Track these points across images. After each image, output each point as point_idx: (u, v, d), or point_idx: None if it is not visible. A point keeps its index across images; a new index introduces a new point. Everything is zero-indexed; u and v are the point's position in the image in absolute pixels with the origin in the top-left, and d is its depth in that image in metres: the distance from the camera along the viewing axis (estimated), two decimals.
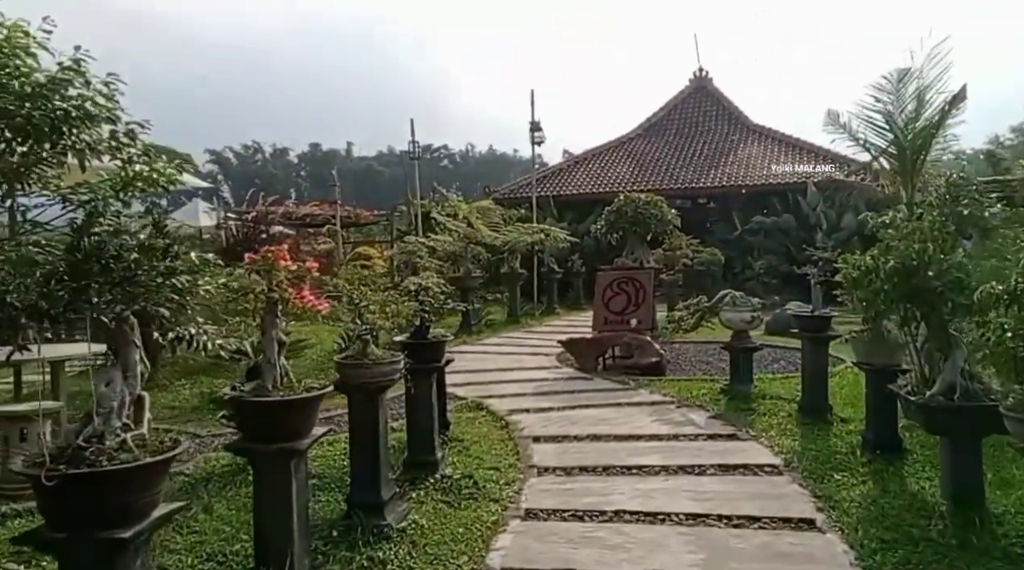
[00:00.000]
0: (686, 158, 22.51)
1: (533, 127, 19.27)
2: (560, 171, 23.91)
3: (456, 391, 8.17)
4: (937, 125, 8.12)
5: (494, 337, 12.75)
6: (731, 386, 7.47)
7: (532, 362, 10.04)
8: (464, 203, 19.62)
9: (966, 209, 6.32)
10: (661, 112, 25.38)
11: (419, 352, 5.26)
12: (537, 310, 16.40)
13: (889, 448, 5.20)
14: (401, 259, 11.67)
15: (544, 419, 6.89)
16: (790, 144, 22.02)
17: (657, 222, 10.38)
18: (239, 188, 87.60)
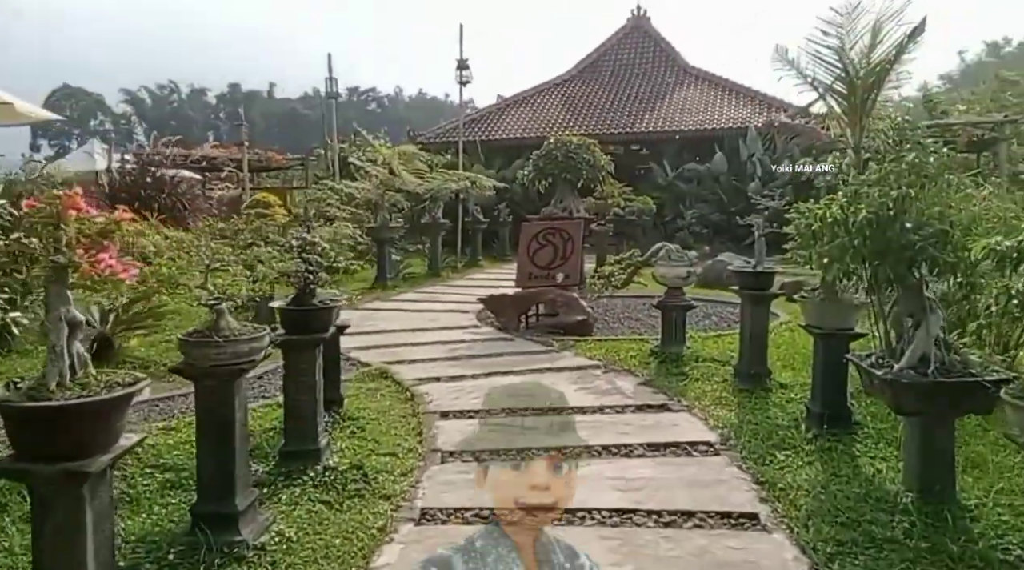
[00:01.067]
0: (621, 102, 21.68)
1: (460, 65, 17.97)
2: (489, 115, 22.73)
3: (360, 356, 7.28)
4: (893, 60, 7.46)
5: (411, 292, 11.81)
6: (663, 347, 6.82)
7: (449, 320, 9.19)
8: (386, 147, 18.37)
9: (910, 154, 5.68)
10: (597, 52, 24.31)
11: (299, 321, 4.31)
12: (460, 262, 15.49)
13: (837, 421, 4.61)
14: (309, 207, 10.46)
15: (456, 390, 6.08)
16: (729, 88, 21.43)
17: (589, 168, 9.53)
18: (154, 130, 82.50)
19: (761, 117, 19.62)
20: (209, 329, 3.37)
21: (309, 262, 4.38)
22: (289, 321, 4.29)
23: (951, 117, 13.76)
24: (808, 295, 4.73)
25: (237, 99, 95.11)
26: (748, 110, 20.10)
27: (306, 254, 4.40)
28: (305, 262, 4.37)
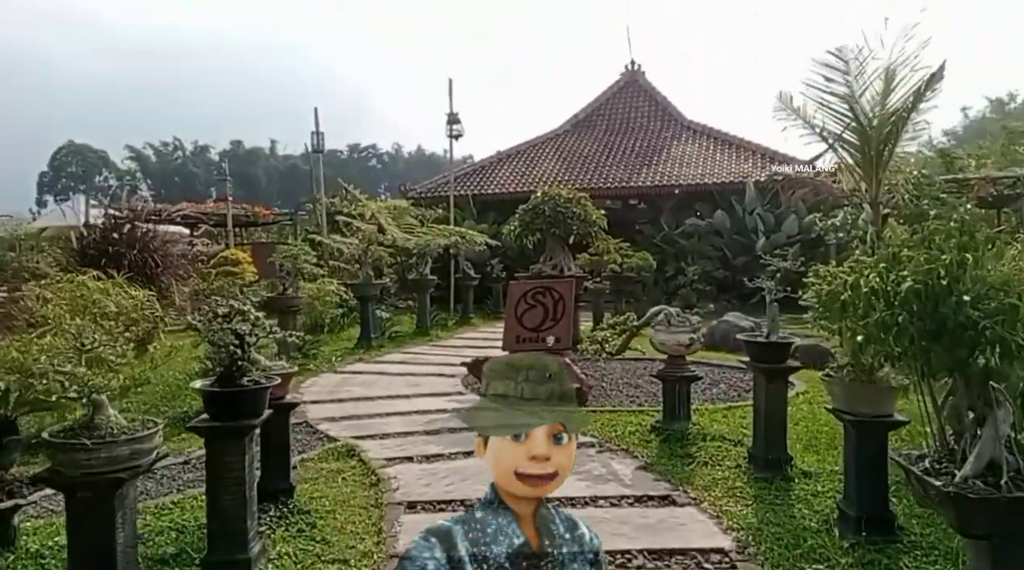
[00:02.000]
0: (617, 156, 21.32)
1: (451, 119, 17.68)
2: (483, 169, 22.36)
3: (329, 428, 6.53)
4: (910, 108, 6.91)
5: (396, 352, 11.06)
6: (665, 423, 6.06)
7: (432, 386, 8.43)
8: (373, 202, 17.90)
9: (932, 209, 5.03)
10: (591, 106, 24.10)
11: (224, 405, 3.57)
12: (451, 320, 14.77)
13: (878, 526, 3.83)
14: (285, 263, 9.86)
15: (429, 473, 5.30)
16: (728, 142, 21.09)
17: (580, 223, 8.91)
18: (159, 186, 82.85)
19: (763, 171, 19.20)
20: (81, 426, 2.64)
21: (238, 335, 3.66)
22: (212, 404, 3.55)
23: (968, 172, 13.26)
24: (835, 374, 4.01)
25: (240, 156, 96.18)
26: (749, 164, 19.71)
27: (236, 324, 3.69)
28: (234, 335, 3.66)
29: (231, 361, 3.57)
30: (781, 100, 7.14)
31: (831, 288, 3.76)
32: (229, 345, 3.61)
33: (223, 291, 6.81)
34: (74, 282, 8.50)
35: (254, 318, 3.83)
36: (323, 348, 10.95)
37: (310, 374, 9.17)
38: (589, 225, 9.02)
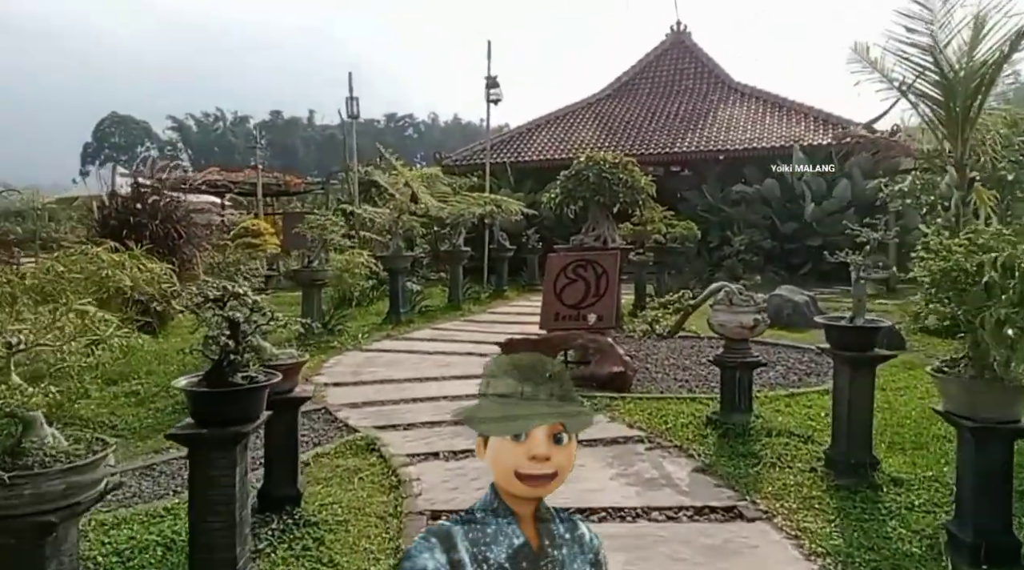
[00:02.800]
0: (660, 120, 20.29)
1: (489, 82, 16.86)
2: (519, 135, 21.53)
3: (350, 416, 5.97)
4: (1002, 60, 5.98)
5: (426, 328, 10.50)
6: (723, 416, 5.36)
7: (462, 367, 7.83)
8: (408, 170, 17.28)
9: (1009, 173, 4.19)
10: (633, 70, 22.98)
11: (210, 408, 2.99)
12: (484, 293, 14.15)
13: (1002, 557, 3.11)
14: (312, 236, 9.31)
15: (456, 473, 4.70)
16: (779, 104, 19.89)
17: (627, 190, 8.13)
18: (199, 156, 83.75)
19: (815, 134, 18.04)
20: (7, 449, 2.06)
21: (233, 323, 3.07)
22: (197, 407, 2.98)
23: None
24: (949, 370, 3.26)
25: (279, 126, 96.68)
26: (800, 127, 18.53)
27: (230, 310, 3.10)
28: (228, 323, 3.06)
29: (223, 355, 2.97)
30: (856, 51, 6.26)
31: (948, 264, 3.02)
32: (220, 336, 3.02)
33: (238, 264, 6.27)
34: (88, 254, 8.14)
35: (252, 302, 3.23)
36: (350, 324, 10.44)
37: (334, 352, 8.65)
38: (636, 192, 8.23)
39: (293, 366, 3.69)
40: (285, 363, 3.64)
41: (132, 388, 6.67)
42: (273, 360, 3.57)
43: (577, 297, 7.46)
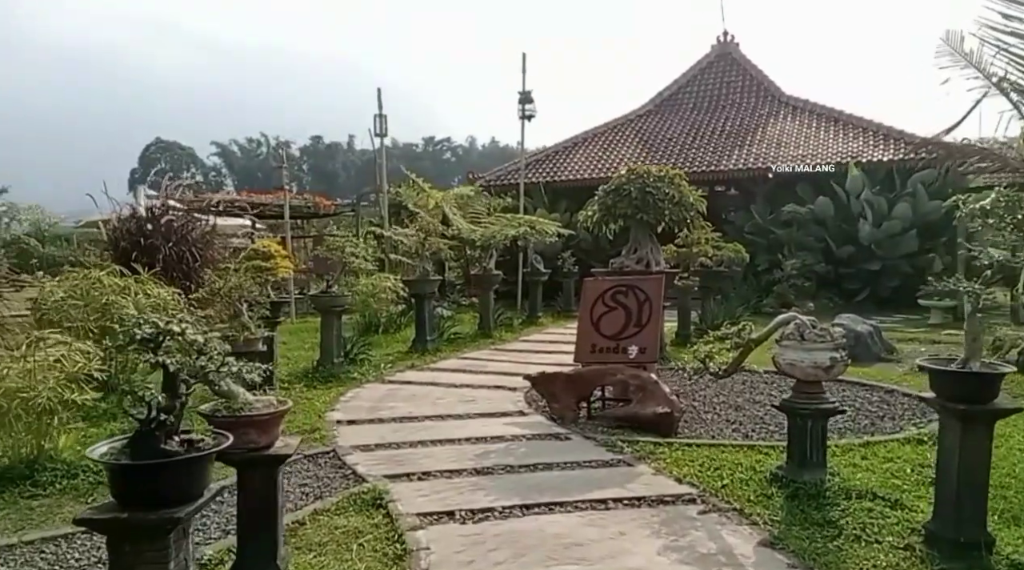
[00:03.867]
0: (705, 137, 19.43)
1: (523, 98, 16.32)
2: (555, 154, 20.89)
3: (360, 461, 5.29)
4: None
5: (453, 358, 9.81)
6: (791, 472, 4.52)
7: (489, 403, 7.11)
8: (438, 191, 16.76)
9: None
10: (676, 84, 22.17)
11: (137, 485, 2.29)
12: (516, 319, 13.42)
13: None
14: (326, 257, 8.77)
15: (473, 540, 3.96)
16: (832, 118, 18.85)
17: (673, 207, 7.33)
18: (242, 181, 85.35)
19: (874, 149, 16.99)
20: None
21: (167, 372, 2.40)
22: (116, 484, 2.30)
23: None
24: None
25: (320, 151, 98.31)
26: (858, 142, 17.50)
27: (162, 355, 2.43)
28: (161, 368, 2.40)
29: (150, 415, 2.30)
30: (948, 41, 5.41)
31: None
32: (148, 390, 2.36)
33: (240, 290, 5.69)
34: (90, 278, 7.68)
35: (196, 343, 2.56)
36: (373, 352, 9.82)
37: (353, 384, 8.01)
38: (685, 209, 7.42)
39: (272, 416, 3.02)
40: (260, 413, 2.97)
41: (128, 427, 6.10)
42: (246, 409, 2.90)
43: (616, 327, 6.70)
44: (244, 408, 2.85)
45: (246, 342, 5.47)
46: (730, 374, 4.88)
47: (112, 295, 7.14)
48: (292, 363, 9.22)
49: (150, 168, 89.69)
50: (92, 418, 6.00)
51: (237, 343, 5.49)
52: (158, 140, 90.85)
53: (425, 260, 10.57)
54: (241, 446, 2.81)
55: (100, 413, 6.16)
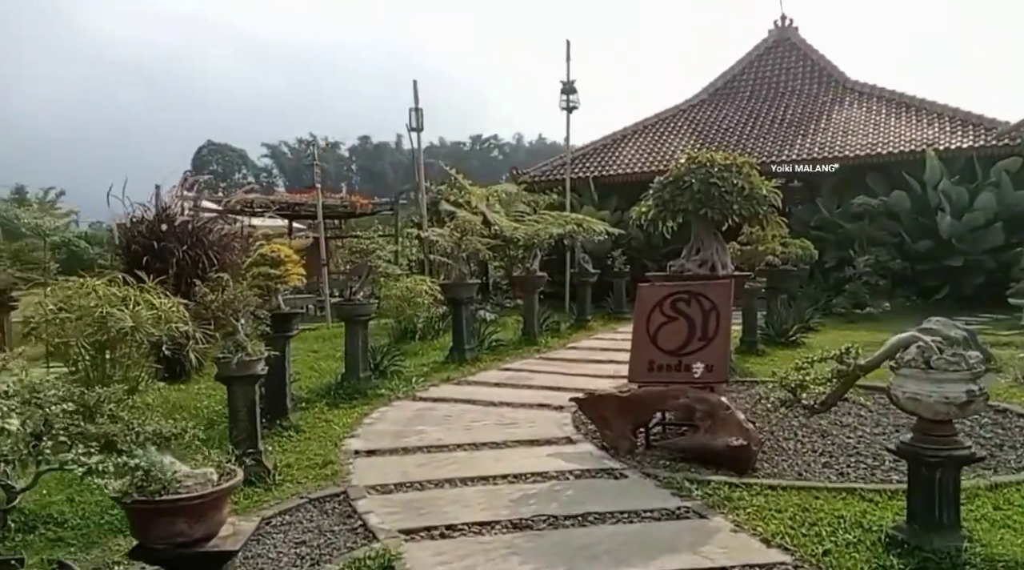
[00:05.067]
0: (763, 126, 18.15)
1: (566, 88, 15.37)
2: (603, 147, 19.85)
3: (375, 509, 4.45)
4: None
5: (493, 369, 8.95)
6: (913, 534, 3.51)
7: (531, 426, 6.22)
8: (479, 188, 15.96)
9: None
10: (732, 71, 20.86)
11: None
12: (563, 323, 12.49)
13: None
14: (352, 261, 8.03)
15: None
16: (903, 104, 17.38)
17: (743, 201, 6.27)
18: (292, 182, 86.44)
19: (951, 136, 15.50)
20: None
21: None
22: None
23: None
24: None
25: (368, 151, 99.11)
26: (933, 129, 16.01)
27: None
28: None
29: None
30: None
31: None
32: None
33: (235, 303, 4.92)
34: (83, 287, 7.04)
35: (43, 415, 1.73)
36: (406, 362, 9.04)
37: (380, 402, 7.22)
38: (757, 203, 6.37)
39: (209, 499, 2.20)
40: (192, 496, 2.15)
41: None
42: (171, 489, 2.08)
43: (678, 341, 5.72)
44: (168, 487, 2.02)
45: (241, 365, 4.70)
46: (828, 408, 3.87)
47: (109, 306, 6.50)
48: (318, 376, 8.50)
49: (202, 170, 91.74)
50: None
51: (230, 367, 4.72)
52: (210, 142, 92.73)
53: (461, 261, 9.73)
54: (164, 540, 1.99)
55: None
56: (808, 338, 10.61)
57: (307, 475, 5.02)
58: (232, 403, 4.93)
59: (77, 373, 6.77)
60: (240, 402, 4.92)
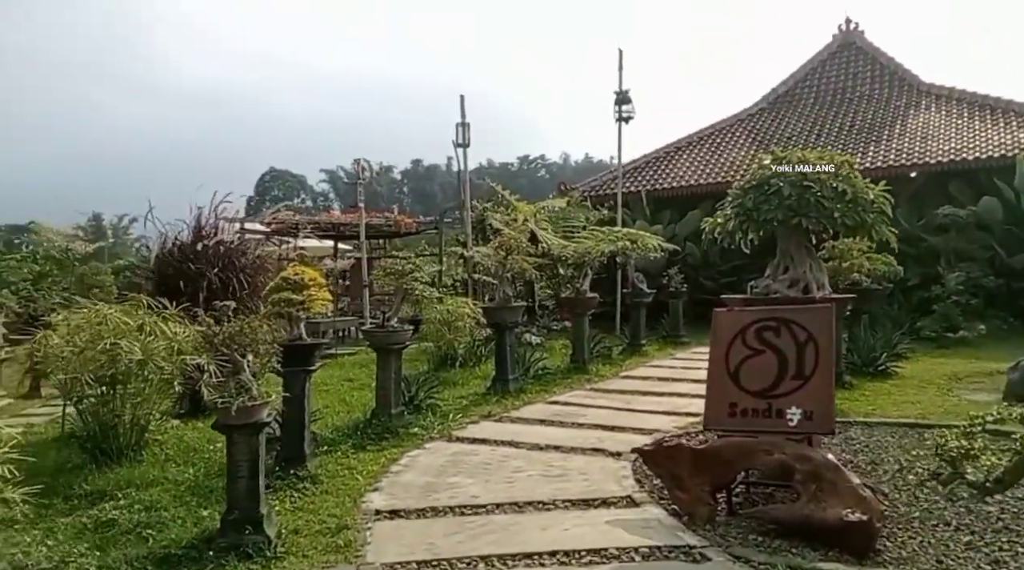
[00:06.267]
0: (830, 134, 16.86)
1: (620, 98, 14.40)
2: (656, 160, 18.80)
3: None
4: None
5: (539, 403, 7.97)
6: None
7: (584, 479, 5.22)
8: (525, 205, 15.10)
9: None
10: (794, 78, 19.61)
11: None
12: (616, 347, 11.43)
13: None
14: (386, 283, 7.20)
15: None
16: (987, 106, 15.92)
17: (847, 207, 5.14)
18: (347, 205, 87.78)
19: None
20: None
21: None
22: None
23: None
24: None
25: (419, 174, 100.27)
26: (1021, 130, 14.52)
27: None
28: None
29: None
30: None
31: None
32: None
33: (241, 335, 4.11)
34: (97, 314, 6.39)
35: None
36: (444, 393, 8.15)
37: (412, 443, 6.32)
38: (863, 210, 5.25)
39: None
40: None
41: (105, 516, 4.61)
42: None
43: (766, 380, 4.67)
44: None
45: (242, 412, 3.86)
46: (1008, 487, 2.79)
47: (119, 337, 5.80)
48: (348, 410, 7.67)
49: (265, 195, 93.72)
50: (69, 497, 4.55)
51: (229, 413, 3.89)
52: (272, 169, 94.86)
53: (506, 282, 8.82)
54: None
55: None
56: (900, 367, 9.34)
57: (315, 545, 4.13)
58: (231, 456, 4.10)
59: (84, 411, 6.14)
60: (240, 455, 4.08)
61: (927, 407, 7.31)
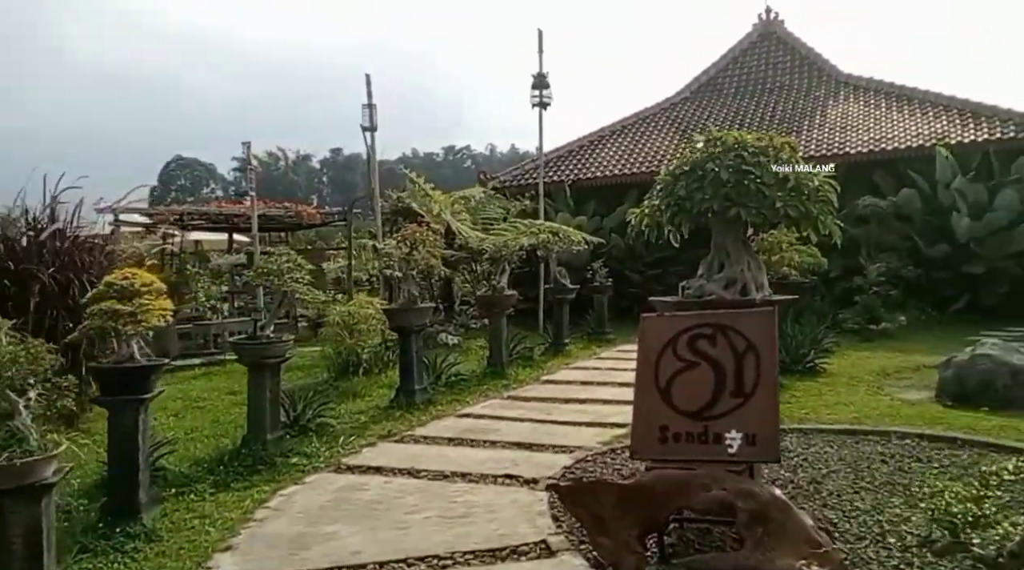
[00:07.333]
0: (751, 124, 16.60)
1: (537, 82, 13.62)
2: (580, 150, 18.17)
3: None
4: None
5: (449, 416, 7.08)
6: None
7: (491, 518, 4.36)
8: (441, 194, 14.15)
9: None
10: (715, 67, 19.39)
11: None
12: (537, 348, 10.68)
13: None
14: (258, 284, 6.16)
15: None
16: (904, 97, 15.98)
17: (789, 195, 4.45)
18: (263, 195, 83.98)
19: (963, 130, 14.06)
20: None
21: None
22: None
23: None
24: None
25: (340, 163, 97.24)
26: (941, 122, 14.58)
27: None
28: None
29: None
30: None
31: None
32: None
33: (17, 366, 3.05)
34: None
35: None
36: (340, 408, 7.16)
37: (290, 477, 5.30)
38: (807, 199, 4.56)
39: None
40: None
41: None
42: None
43: (702, 397, 3.93)
44: None
45: (9, 472, 2.82)
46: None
47: None
48: (217, 435, 6.52)
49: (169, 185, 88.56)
50: None
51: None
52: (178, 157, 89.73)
53: (411, 281, 7.87)
54: None
55: None
56: (828, 363, 8.95)
57: None
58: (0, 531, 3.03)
59: None
60: (14, 530, 3.02)
61: (860, 409, 6.88)
